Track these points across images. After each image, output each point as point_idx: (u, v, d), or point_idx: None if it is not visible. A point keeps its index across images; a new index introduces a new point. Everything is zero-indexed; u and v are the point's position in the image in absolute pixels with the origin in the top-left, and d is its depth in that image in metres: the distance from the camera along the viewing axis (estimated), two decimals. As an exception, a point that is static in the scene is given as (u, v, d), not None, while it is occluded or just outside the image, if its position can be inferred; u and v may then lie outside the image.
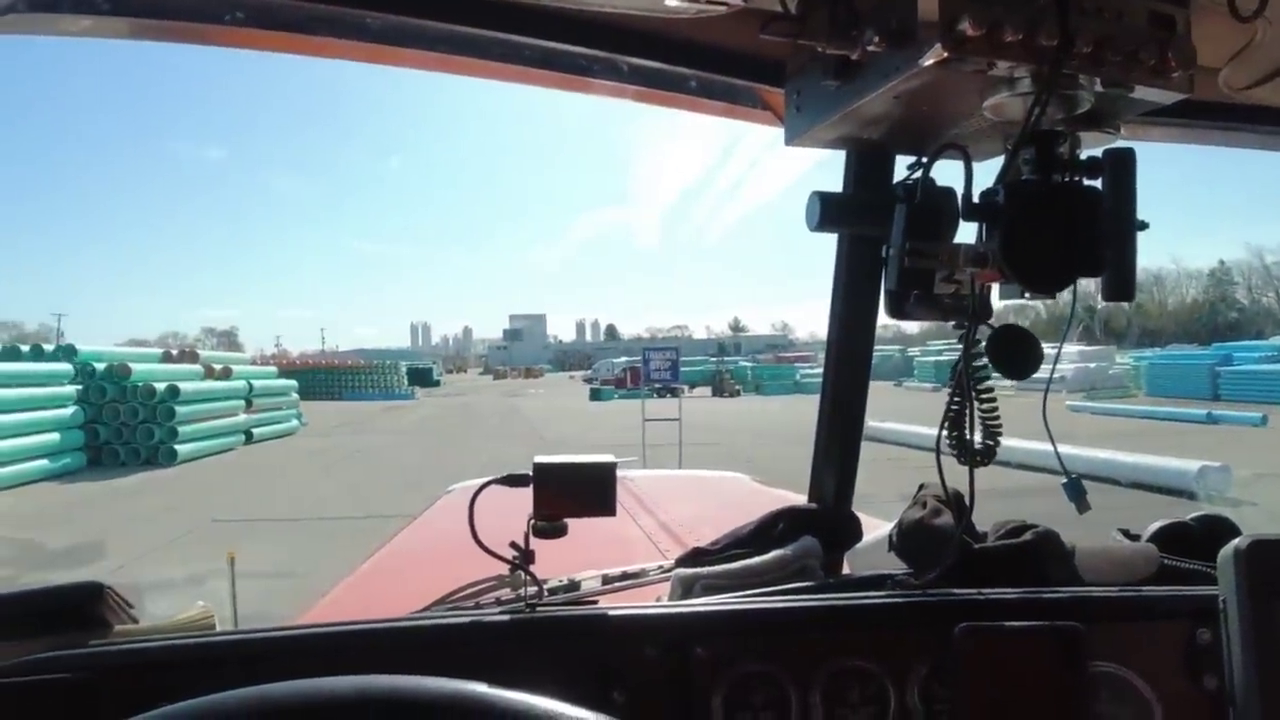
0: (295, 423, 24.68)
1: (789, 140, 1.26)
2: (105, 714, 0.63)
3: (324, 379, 45.45)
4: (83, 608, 1.07)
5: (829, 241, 1.44)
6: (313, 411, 28.03)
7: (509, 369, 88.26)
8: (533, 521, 1.10)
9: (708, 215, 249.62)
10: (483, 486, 1.12)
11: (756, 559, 1.35)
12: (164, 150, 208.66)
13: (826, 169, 1.40)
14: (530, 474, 1.10)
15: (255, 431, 21.43)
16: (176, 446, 17.13)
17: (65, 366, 16.79)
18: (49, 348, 18.59)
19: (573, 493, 1.11)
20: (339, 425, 26.30)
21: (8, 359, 16.71)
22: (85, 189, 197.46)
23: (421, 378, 56.90)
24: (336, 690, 0.58)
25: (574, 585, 1.48)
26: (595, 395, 39.19)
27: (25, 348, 18.20)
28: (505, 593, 1.41)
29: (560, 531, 1.11)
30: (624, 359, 44.19)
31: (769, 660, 1.09)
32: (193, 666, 1.03)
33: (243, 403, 21.40)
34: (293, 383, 26.52)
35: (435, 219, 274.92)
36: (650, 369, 16.77)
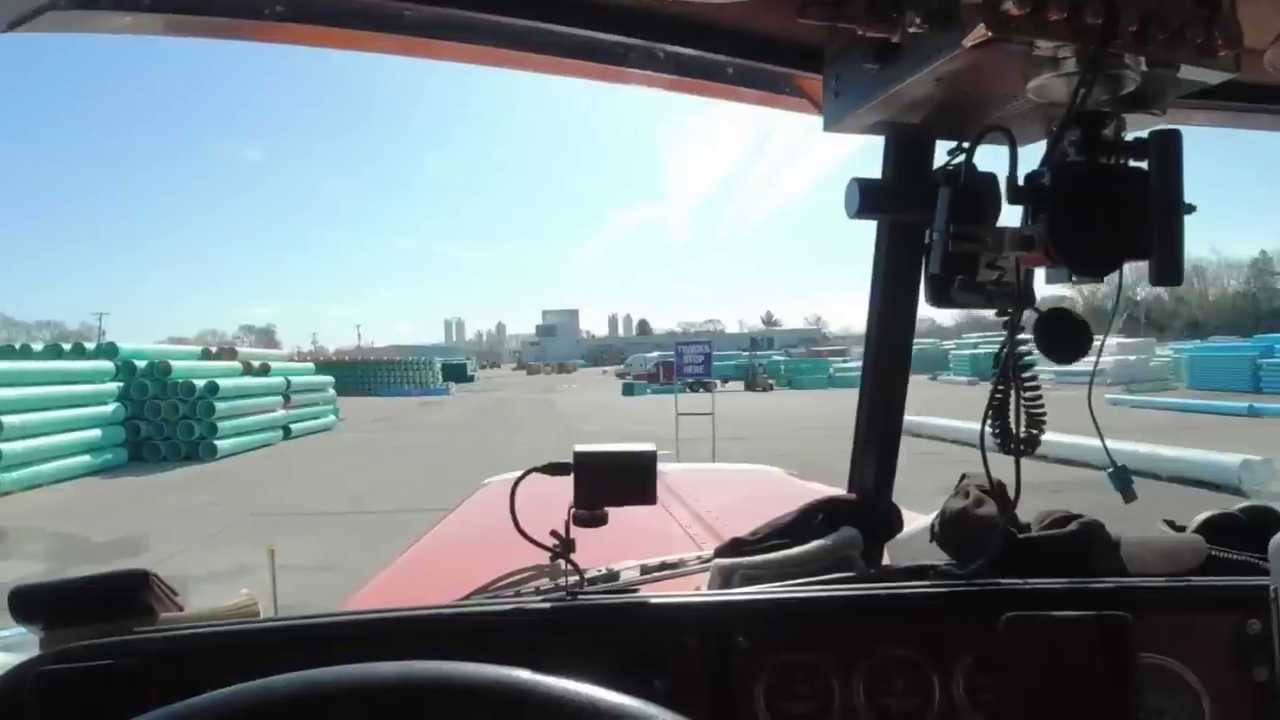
0: (332, 418, 25.06)
1: (828, 126, 1.25)
2: (151, 699, 0.63)
3: (360, 374, 46.06)
4: (129, 595, 1.09)
5: (860, 234, 1.43)
6: (349, 406, 28.45)
7: (542, 365, 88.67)
8: (573, 510, 1.10)
9: (740, 209, 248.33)
10: (524, 475, 1.12)
11: (797, 549, 1.35)
12: (203, 150, 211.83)
13: (858, 162, 1.38)
14: (571, 463, 1.10)
15: (293, 427, 21.78)
16: (216, 442, 17.43)
17: (106, 364, 17.10)
18: (90, 346, 18.96)
19: (613, 481, 1.10)
20: (375, 420, 26.64)
21: (50, 357, 17.04)
22: (125, 189, 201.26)
23: (456, 373, 57.48)
24: (382, 675, 0.58)
25: (613, 575, 1.48)
26: (628, 390, 39.32)
27: (67, 346, 18.52)
28: (544, 582, 1.41)
29: (600, 520, 1.11)
30: (656, 354, 44.05)
31: (811, 650, 1.09)
32: (237, 653, 1.04)
33: (280, 398, 21.71)
34: (329, 378, 26.84)
35: (470, 216, 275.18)
36: (683, 363, 16.73)
